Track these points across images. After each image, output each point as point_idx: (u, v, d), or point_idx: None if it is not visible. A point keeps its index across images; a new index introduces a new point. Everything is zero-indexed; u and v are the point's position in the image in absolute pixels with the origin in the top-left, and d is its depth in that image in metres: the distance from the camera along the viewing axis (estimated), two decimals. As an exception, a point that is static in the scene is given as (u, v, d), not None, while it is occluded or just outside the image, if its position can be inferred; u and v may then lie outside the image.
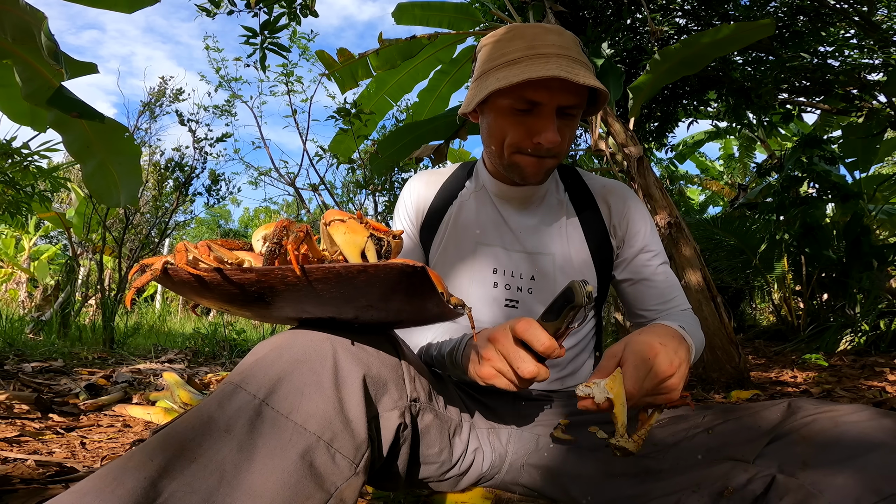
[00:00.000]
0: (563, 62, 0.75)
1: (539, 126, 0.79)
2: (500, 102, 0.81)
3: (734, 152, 8.94)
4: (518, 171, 0.85)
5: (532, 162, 0.83)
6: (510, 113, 0.80)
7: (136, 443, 1.44)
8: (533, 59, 0.76)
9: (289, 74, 4.94)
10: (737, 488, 0.54)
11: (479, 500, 0.88)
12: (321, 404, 0.54)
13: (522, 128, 0.80)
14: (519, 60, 0.77)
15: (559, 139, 0.79)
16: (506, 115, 0.81)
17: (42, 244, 9.93)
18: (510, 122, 0.81)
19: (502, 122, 0.82)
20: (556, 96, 0.77)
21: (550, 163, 0.84)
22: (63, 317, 4.04)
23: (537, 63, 0.75)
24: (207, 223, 18.67)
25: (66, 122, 2.46)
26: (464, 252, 0.92)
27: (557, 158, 0.84)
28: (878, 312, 3.70)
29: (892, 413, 0.51)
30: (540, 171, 0.84)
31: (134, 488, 0.43)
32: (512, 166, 0.85)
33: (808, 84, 3.87)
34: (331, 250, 0.57)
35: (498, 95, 0.81)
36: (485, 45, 0.85)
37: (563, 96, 0.77)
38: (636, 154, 2.67)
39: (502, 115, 0.81)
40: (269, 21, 2.63)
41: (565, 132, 0.81)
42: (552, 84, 0.76)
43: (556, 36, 0.80)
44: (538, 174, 0.84)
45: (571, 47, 0.79)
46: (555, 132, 0.78)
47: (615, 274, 0.94)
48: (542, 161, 0.83)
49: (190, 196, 5.13)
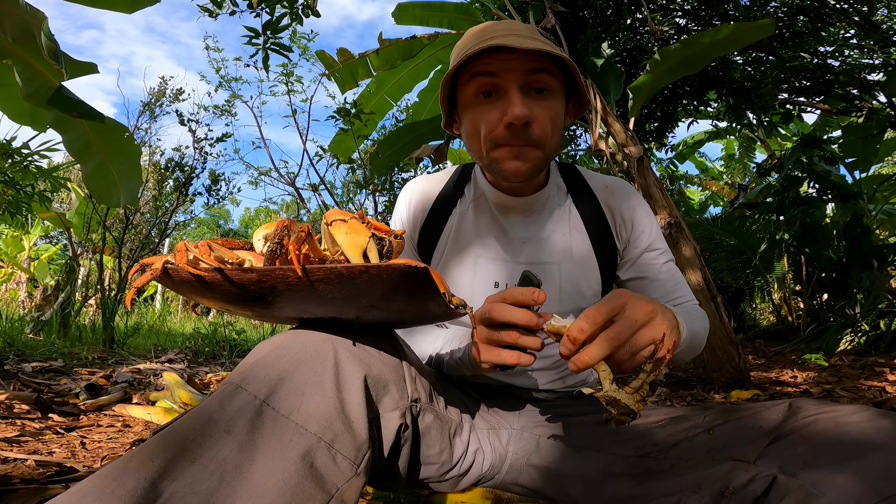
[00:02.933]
0: (508, 38, 0.75)
1: (505, 105, 0.76)
2: (465, 96, 0.81)
3: (735, 152, 8.95)
4: (498, 168, 0.80)
5: (508, 154, 0.78)
6: (477, 103, 0.79)
7: (136, 443, 1.44)
8: (480, 44, 0.76)
9: (289, 74, 4.94)
10: (738, 488, 0.54)
11: (479, 500, 0.88)
12: (322, 405, 0.53)
13: (492, 114, 0.78)
14: (468, 51, 0.76)
15: (527, 113, 0.75)
16: (473, 108, 0.80)
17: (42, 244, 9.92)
18: (478, 113, 0.79)
19: (473, 117, 0.80)
20: (511, 67, 0.76)
21: (532, 154, 0.78)
22: (63, 317, 4.04)
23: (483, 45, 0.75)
24: (207, 223, 18.66)
25: (66, 122, 2.47)
26: (464, 266, 0.90)
27: (540, 147, 0.78)
28: (878, 312, 3.70)
29: (893, 413, 0.51)
30: (520, 166, 0.79)
31: (134, 489, 0.43)
32: (492, 164, 0.81)
33: (808, 84, 3.87)
34: (332, 250, 0.57)
35: (461, 90, 0.81)
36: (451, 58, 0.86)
37: (518, 66, 0.75)
38: (636, 154, 2.67)
39: (470, 108, 0.80)
40: (271, 21, 2.63)
41: (540, 113, 0.77)
42: (502, 55, 0.75)
43: (507, 24, 0.79)
44: (519, 169, 0.79)
45: (521, 30, 0.78)
46: (521, 106, 0.74)
47: (619, 274, 0.93)
48: (522, 150, 0.78)
49: (190, 196, 5.13)
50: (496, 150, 0.79)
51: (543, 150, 0.79)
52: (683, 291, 0.90)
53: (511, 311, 0.61)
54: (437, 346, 0.86)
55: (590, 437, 0.75)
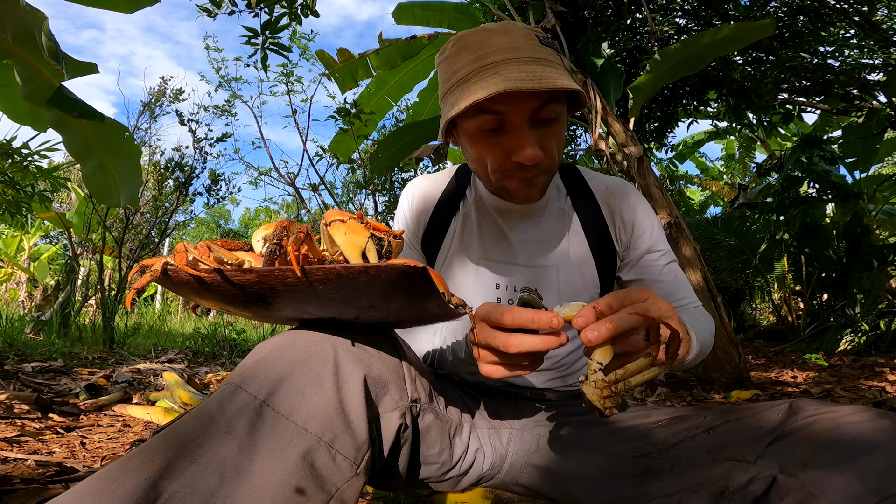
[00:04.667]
0: (512, 69, 0.69)
1: (514, 143, 0.72)
2: (467, 126, 0.75)
3: (735, 152, 8.95)
4: (508, 194, 0.80)
5: (520, 184, 0.77)
6: (481, 136, 0.74)
7: (136, 443, 1.44)
8: (480, 72, 0.70)
9: (289, 74, 4.95)
10: (738, 488, 0.54)
11: (479, 500, 0.88)
12: (322, 405, 0.54)
13: (499, 149, 0.74)
14: (468, 78, 0.71)
15: (539, 153, 0.72)
16: (478, 140, 0.75)
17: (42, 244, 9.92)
18: (484, 146, 0.75)
19: (478, 149, 0.76)
20: (520, 105, 0.70)
21: (541, 179, 0.78)
22: (63, 317, 4.04)
23: (485, 77, 0.69)
24: (207, 223, 18.68)
25: (66, 122, 2.47)
26: (467, 268, 0.90)
27: (548, 173, 0.78)
28: (878, 312, 3.70)
29: (892, 414, 0.51)
30: (531, 192, 0.79)
31: (134, 489, 0.43)
32: (501, 190, 0.80)
33: (808, 84, 3.87)
34: (331, 251, 0.57)
35: (462, 119, 0.75)
36: (438, 63, 0.80)
37: (526, 103, 0.70)
38: (636, 154, 2.67)
39: (475, 140, 0.76)
40: (270, 21, 2.63)
41: (548, 141, 0.74)
42: (511, 93, 0.68)
43: (503, 37, 0.72)
44: (531, 195, 0.80)
45: (522, 45, 0.72)
46: (533, 146, 0.71)
47: (621, 275, 0.92)
48: (532, 180, 0.77)
49: (190, 196, 5.13)
50: (505, 179, 0.78)
51: (552, 172, 0.79)
52: (686, 293, 0.89)
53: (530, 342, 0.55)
54: (435, 343, 0.87)
55: (590, 437, 0.75)
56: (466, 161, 0.84)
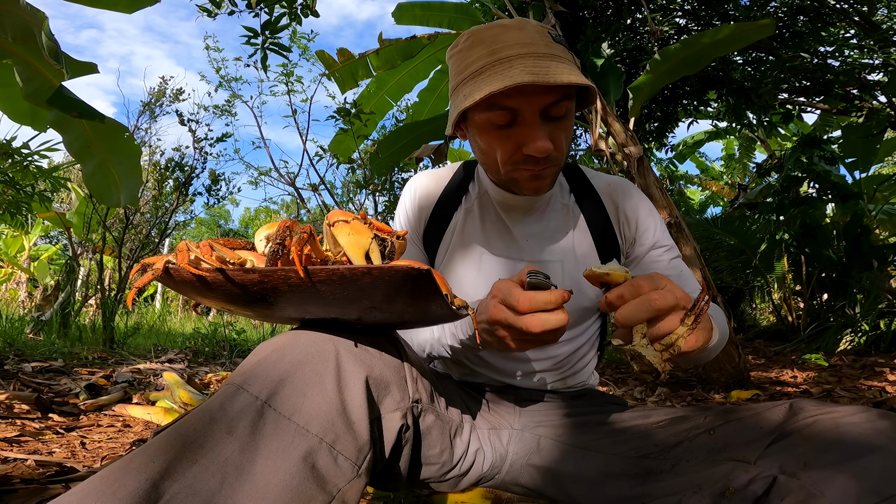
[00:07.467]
0: (527, 63, 0.69)
1: (526, 136, 0.73)
2: (478, 119, 0.76)
3: (735, 152, 8.95)
4: (517, 186, 0.81)
5: (530, 175, 0.78)
6: (492, 128, 0.75)
7: (136, 443, 1.44)
8: (495, 65, 0.71)
9: (289, 74, 4.95)
10: (738, 489, 0.54)
11: (480, 500, 0.88)
12: (323, 406, 0.53)
13: (510, 141, 0.75)
14: (482, 70, 0.72)
15: (550, 146, 0.73)
16: (489, 132, 0.76)
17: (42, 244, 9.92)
18: (495, 137, 0.76)
19: (488, 140, 0.77)
20: (533, 100, 0.71)
21: (550, 171, 0.79)
22: (63, 317, 4.04)
23: (500, 70, 0.70)
24: (207, 223, 18.67)
25: (66, 122, 2.47)
26: (469, 263, 0.90)
27: (557, 165, 0.79)
28: (878, 312, 3.70)
29: (893, 414, 0.51)
30: (540, 184, 0.80)
31: (135, 490, 0.43)
32: (510, 182, 0.81)
33: (808, 84, 3.87)
34: (334, 251, 0.57)
35: (474, 111, 0.76)
36: (450, 56, 0.81)
37: (539, 98, 0.71)
38: (636, 154, 2.67)
39: (485, 132, 0.77)
40: (269, 21, 2.63)
41: (558, 135, 0.75)
42: (524, 88, 0.69)
43: (517, 32, 0.73)
44: (539, 188, 0.81)
45: (536, 41, 0.73)
46: (544, 139, 0.73)
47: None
48: (542, 172, 0.78)
49: (190, 196, 5.13)
50: (515, 171, 0.79)
51: (560, 165, 0.80)
52: (692, 287, 0.89)
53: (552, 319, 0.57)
54: (434, 336, 0.86)
55: (590, 437, 0.75)
56: (474, 153, 0.85)
